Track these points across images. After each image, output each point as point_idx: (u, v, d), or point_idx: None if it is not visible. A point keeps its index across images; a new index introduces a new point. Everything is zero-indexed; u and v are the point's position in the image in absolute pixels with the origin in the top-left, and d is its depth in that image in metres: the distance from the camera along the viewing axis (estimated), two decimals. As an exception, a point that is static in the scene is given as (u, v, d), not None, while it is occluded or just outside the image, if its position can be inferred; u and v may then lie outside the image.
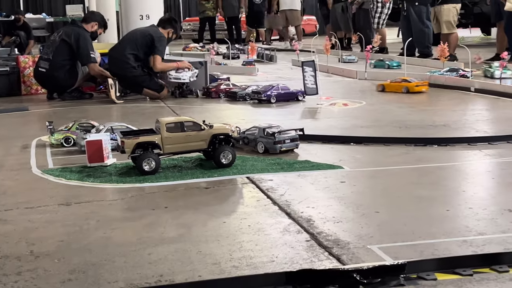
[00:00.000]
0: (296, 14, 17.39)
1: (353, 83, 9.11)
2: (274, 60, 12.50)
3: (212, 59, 11.26)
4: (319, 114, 6.52)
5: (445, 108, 6.71)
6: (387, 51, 13.23)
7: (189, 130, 4.16)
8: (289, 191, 3.65)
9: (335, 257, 2.64)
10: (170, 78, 7.83)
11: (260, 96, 7.19)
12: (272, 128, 4.67)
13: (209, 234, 2.98)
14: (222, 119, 5.68)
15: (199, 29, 18.37)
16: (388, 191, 3.71)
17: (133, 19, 9.93)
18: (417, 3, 11.82)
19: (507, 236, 2.82)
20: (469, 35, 17.96)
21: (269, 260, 2.63)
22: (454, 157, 4.41)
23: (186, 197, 3.66)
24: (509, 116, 6.03)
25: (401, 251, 2.68)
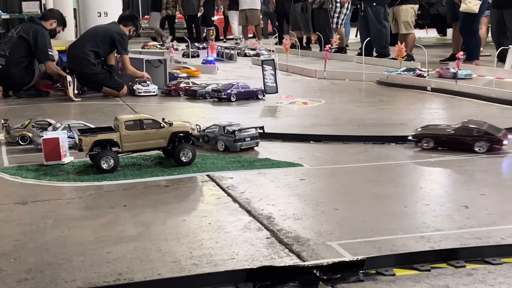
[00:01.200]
0: (256, 14, 17.41)
1: (313, 82, 9.16)
2: (234, 59, 12.49)
3: (171, 57, 11.19)
4: (279, 112, 6.54)
5: (402, 107, 6.80)
6: (345, 51, 13.36)
7: (148, 128, 4.13)
8: (249, 188, 3.65)
9: (295, 254, 2.65)
10: (139, 92, 7.76)
11: (220, 95, 7.18)
12: (232, 126, 4.67)
13: (169, 232, 2.96)
14: (182, 117, 5.66)
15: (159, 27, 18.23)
16: (347, 188, 3.74)
17: (91, 16, 9.83)
18: (375, 3, 11.97)
19: (463, 232, 2.87)
20: (426, 36, 18.26)
21: (229, 258, 2.62)
22: (411, 155, 4.47)
23: (145, 195, 3.63)
24: (465, 114, 6.14)
25: (360, 247, 2.70)
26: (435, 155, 4.45)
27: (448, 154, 4.43)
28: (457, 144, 4.45)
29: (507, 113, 6.10)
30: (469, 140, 4.41)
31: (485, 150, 4.37)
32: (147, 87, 7.80)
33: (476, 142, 4.39)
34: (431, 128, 4.71)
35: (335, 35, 11.70)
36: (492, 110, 6.34)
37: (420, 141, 4.55)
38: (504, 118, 5.82)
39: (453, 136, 4.47)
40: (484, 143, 4.37)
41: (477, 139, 4.39)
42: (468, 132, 4.45)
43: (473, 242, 2.74)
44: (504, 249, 2.62)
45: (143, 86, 7.79)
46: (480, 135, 4.41)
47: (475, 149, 4.38)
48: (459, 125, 4.54)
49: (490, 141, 4.38)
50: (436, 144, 4.51)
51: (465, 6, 10.20)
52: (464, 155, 4.37)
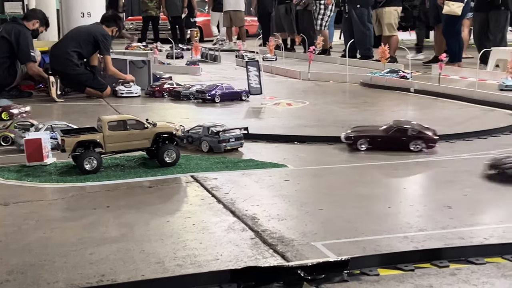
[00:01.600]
0: (240, 15, 17.42)
1: (297, 83, 9.18)
2: (218, 60, 12.48)
3: (155, 58, 11.15)
4: (263, 113, 6.53)
5: (386, 108, 6.83)
6: (329, 52, 13.40)
7: (132, 128, 4.10)
8: (233, 189, 3.64)
9: (280, 254, 2.64)
10: (122, 93, 7.73)
11: (204, 96, 7.16)
12: (216, 127, 4.66)
13: (152, 233, 2.94)
14: (166, 118, 5.64)
15: (142, 28, 18.20)
16: (331, 189, 3.75)
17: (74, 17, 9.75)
18: (359, 5, 12.01)
19: (446, 232, 2.88)
20: (409, 38, 18.35)
21: (213, 258, 2.61)
22: (395, 156, 4.48)
23: (128, 196, 3.60)
24: (447, 116, 6.19)
25: (344, 248, 2.70)
26: (417, 156, 4.48)
27: (432, 155, 4.46)
28: (392, 144, 4.51)
29: (489, 115, 6.15)
30: (404, 139, 4.48)
31: (420, 148, 4.47)
32: (129, 88, 7.76)
33: (412, 141, 4.47)
34: (363, 129, 4.74)
35: (319, 37, 11.75)
36: (475, 111, 6.38)
37: (355, 143, 4.56)
38: (487, 119, 5.87)
39: (389, 137, 4.52)
40: (419, 142, 4.47)
41: (412, 138, 4.48)
42: (403, 132, 4.51)
43: (456, 242, 2.75)
44: (487, 249, 2.63)
45: (126, 87, 7.76)
46: (415, 135, 4.49)
47: (411, 148, 4.47)
48: (391, 126, 4.59)
49: (424, 140, 4.48)
50: (371, 145, 4.55)
51: (448, 9, 10.27)
52: (447, 156, 4.40)
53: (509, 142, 4.77)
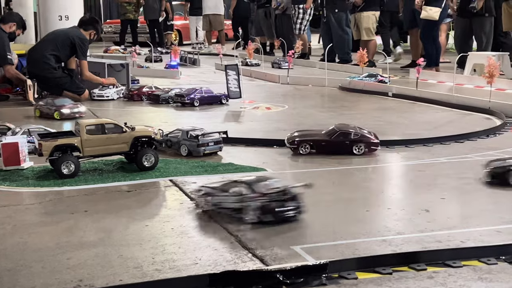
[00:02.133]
0: (219, 19, 17.43)
1: (276, 87, 9.19)
2: (197, 63, 12.46)
3: (134, 61, 11.11)
4: (243, 117, 6.54)
5: (364, 112, 6.87)
6: (308, 56, 13.45)
7: (110, 132, 4.08)
8: (212, 193, 3.62)
9: (259, 258, 2.64)
10: (93, 96, 7.69)
11: (183, 99, 7.15)
12: (195, 131, 4.65)
13: (131, 238, 2.93)
14: (145, 121, 5.61)
15: (121, 32, 18.13)
16: (310, 192, 3.74)
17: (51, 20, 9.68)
18: (337, 10, 12.08)
19: (424, 236, 2.91)
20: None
21: (192, 263, 2.61)
22: (373, 160, 4.51)
23: (107, 200, 3.58)
24: (425, 120, 6.24)
25: (323, 251, 2.71)
26: (395, 160, 4.52)
27: (411, 159, 4.49)
28: (336, 148, 4.57)
29: (466, 119, 6.21)
30: (347, 143, 4.55)
31: (362, 152, 4.54)
32: (103, 91, 7.71)
33: (354, 145, 4.54)
34: (306, 133, 4.78)
35: (298, 41, 11.78)
36: (452, 115, 6.45)
37: (298, 147, 4.60)
38: (464, 123, 5.93)
39: (333, 141, 4.58)
40: (361, 145, 4.54)
41: (355, 142, 4.55)
42: (346, 136, 4.58)
43: (434, 245, 2.78)
44: (464, 252, 2.66)
45: (100, 90, 7.71)
46: (357, 138, 4.56)
47: (354, 151, 4.54)
48: (334, 130, 4.65)
49: (366, 143, 4.55)
50: (313, 149, 4.60)
51: (426, 14, 10.37)
52: (425, 159, 4.44)
53: (485, 146, 4.83)
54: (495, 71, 6.01)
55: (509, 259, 2.59)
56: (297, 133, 4.78)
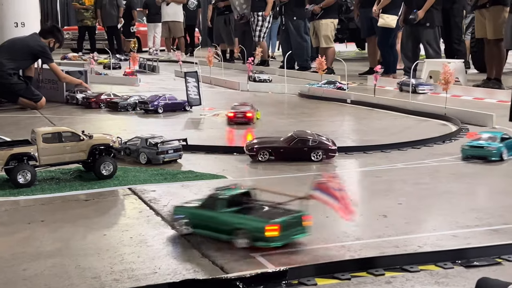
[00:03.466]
0: (178, 26, 17.38)
1: (236, 94, 9.20)
2: (156, 70, 12.39)
3: (92, 68, 10.99)
4: (203, 124, 6.52)
5: (323, 119, 6.93)
6: (268, 63, 13.51)
7: (67, 140, 4.02)
8: (172, 201, 3.60)
9: (218, 266, 2.63)
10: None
11: (147, 106, 7.11)
12: (155, 139, 4.62)
13: (89, 248, 2.89)
14: (103, 129, 5.55)
15: (78, 38, 17.91)
16: (270, 199, 3.76)
17: (7, 26, 9.50)
18: (295, 17, 12.19)
19: (382, 241, 2.94)
20: (345, 50, 18.73)
21: (151, 272, 2.58)
22: (332, 166, 4.55)
23: (64, 210, 3.52)
24: (383, 126, 6.33)
25: (282, 258, 2.72)
26: (353, 166, 4.56)
27: (369, 165, 4.55)
28: (294, 154, 4.61)
29: (422, 125, 6.32)
30: (306, 150, 4.60)
31: (320, 158, 4.59)
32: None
33: (312, 151, 4.59)
34: (265, 140, 4.81)
35: (257, 48, 11.82)
36: (409, 121, 6.55)
37: (257, 154, 4.61)
38: (420, 129, 6.03)
39: (291, 147, 4.62)
40: (320, 152, 4.59)
41: (313, 148, 4.59)
42: (304, 142, 4.62)
43: (391, 250, 2.81)
44: (421, 257, 2.70)
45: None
46: (315, 145, 4.61)
47: (312, 158, 4.58)
48: (292, 137, 4.68)
49: (324, 150, 4.61)
50: (272, 156, 4.63)
51: (383, 21, 10.55)
52: (382, 165, 4.50)
53: (441, 152, 4.91)
54: (450, 78, 6.13)
55: (465, 263, 2.64)
56: (256, 140, 4.79)
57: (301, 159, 4.59)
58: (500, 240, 2.94)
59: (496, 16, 9.10)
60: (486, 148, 4.56)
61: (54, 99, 7.92)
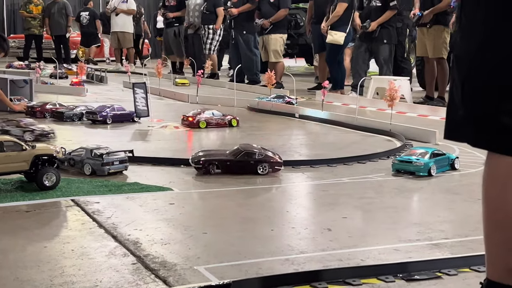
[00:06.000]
0: (128, 37, 17.24)
1: (185, 106, 9.16)
2: (104, 81, 12.25)
3: (37, 77, 10.77)
4: (150, 136, 6.47)
5: (272, 132, 6.97)
6: (218, 76, 13.53)
7: (9, 150, 3.91)
8: (116, 213, 3.56)
9: (162, 279, 2.60)
10: None
11: (95, 117, 7.00)
12: (100, 149, 4.55)
13: (28, 260, 2.81)
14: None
15: (25, 47, 17.56)
16: (216, 212, 3.76)
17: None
18: (245, 32, 12.26)
19: (326, 254, 2.96)
20: (295, 65, 18.91)
21: (92, 285, 2.53)
22: (279, 179, 4.58)
23: (4, 221, 3.43)
24: (330, 141, 6.40)
25: (227, 271, 2.71)
26: (299, 180, 4.60)
27: (315, 179, 4.59)
28: (241, 167, 4.62)
29: (368, 140, 6.42)
30: (252, 163, 4.61)
31: (266, 171, 4.62)
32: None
33: (259, 165, 4.61)
34: (211, 153, 4.80)
35: (207, 61, 11.85)
36: (355, 137, 6.64)
37: (204, 167, 4.58)
38: (366, 144, 6.12)
39: (238, 160, 4.63)
40: (266, 165, 4.62)
41: (260, 162, 4.62)
42: (251, 155, 4.65)
43: (335, 264, 2.84)
44: (364, 270, 2.73)
45: None
46: (261, 158, 4.63)
47: (259, 171, 4.60)
48: (238, 150, 4.69)
49: (270, 163, 4.64)
50: (219, 169, 4.62)
51: (331, 38, 10.70)
52: (328, 179, 4.55)
53: (386, 167, 4.99)
54: (395, 95, 6.26)
55: (406, 277, 2.68)
56: (201, 153, 4.77)
57: (247, 172, 4.59)
58: (441, 254, 3.00)
59: (436, 36, 9.37)
60: (414, 163, 4.64)
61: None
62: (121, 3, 17.10)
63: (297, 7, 16.16)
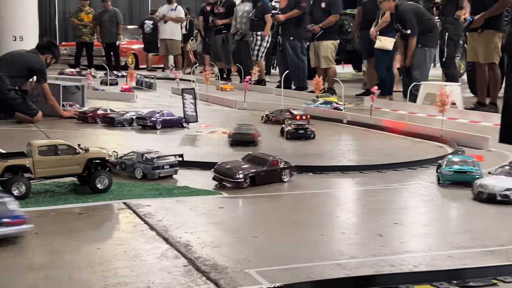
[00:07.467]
0: (176, 44, 17.46)
1: (233, 112, 9.21)
2: (153, 87, 12.41)
3: (89, 84, 10.99)
4: (199, 141, 6.52)
5: (320, 138, 6.92)
6: (264, 82, 13.56)
7: (63, 153, 4.00)
8: (167, 216, 3.59)
9: (213, 282, 2.61)
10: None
11: (145, 122, 7.11)
12: (151, 154, 4.60)
13: (82, 261, 2.86)
14: (99, 144, 5.53)
15: (76, 54, 17.94)
16: (266, 216, 3.75)
17: (6, 41, 9.56)
18: (292, 38, 12.25)
19: (378, 259, 2.93)
20: (342, 71, 18.80)
21: (145, 286, 2.56)
22: (328, 185, 4.55)
23: (58, 223, 3.50)
24: (378, 146, 6.33)
25: (278, 275, 2.70)
26: (350, 185, 4.56)
27: (365, 184, 4.54)
28: (270, 177, 4.44)
29: (418, 146, 6.32)
30: (278, 171, 4.50)
31: (288, 178, 4.53)
32: None
33: (283, 172, 4.52)
34: (242, 167, 4.43)
35: (255, 67, 11.88)
36: (405, 143, 6.55)
37: (245, 181, 4.31)
38: (416, 150, 6.03)
39: (268, 170, 4.43)
40: (287, 171, 4.54)
41: (283, 169, 4.52)
42: (277, 164, 4.50)
43: (387, 269, 2.80)
44: (417, 276, 2.69)
45: None
46: (285, 166, 4.53)
47: (283, 179, 4.50)
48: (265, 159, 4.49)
49: (290, 170, 4.56)
50: (253, 182, 4.35)
51: (380, 43, 10.61)
52: (378, 185, 4.49)
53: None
54: (447, 100, 6.15)
55: (461, 284, 2.63)
56: (228, 166, 4.45)
57: (275, 181, 4.48)
58: (496, 261, 2.93)
59: (488, 40, 9.17)
60: (469, 173, 4.41)
61: (50, 113, 7.90)
62: (170, 11, 17.35)
63: (344, 13, 16.07)
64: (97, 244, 3.11)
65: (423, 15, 10.28)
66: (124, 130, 7.10)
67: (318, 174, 4.81)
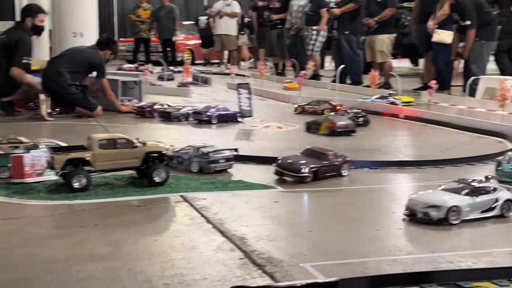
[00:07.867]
0: (231, 39, 17.54)
1: (287, 107, 9.20)
2: (209, 82, 12.51)
3: (146, 79, 11.17)
4: (254, 135, 6.54)
5: (375, 133, 6.85)
6: (319, 77, 13.48)
7: (122, 147, 4.09)
8: (222, 210, 3.63)
9: (268, 275, 2.63)
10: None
11: (201, 117, 7.18)
12: (206, 148, 4.65)
13: (140, 252, 2.92)
14: (156, 138, 5.61)
15: (134, 50, 18.25)
16: (321, 211, 3.75)
17: (66, 37, 9.77)
18: (347, 32, 12.14)
19: (436, 256, 2.88)
20: (399, 65, 18.51)
21: (201, 278, 2.60)
22: (384, 180, 4.50)
23: (117, 215, 3.58)
24: (436, 142, 6.22)
25: (333, 269, 2.69)
26: (405, 181, 4.50)
27: (422, 180, 4.47)
28: (332, 171, 4.43)
29: (478, 141, 6.18)
30: (338, 165, 4.47)
31: (347, 172, 4.49)
32: None
33: (342, 166, 4.49)
34: (297, 160, 4.42)
35: (309, 62, 11.82)
36: (464, 138, 6.42)
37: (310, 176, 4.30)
38: (475, 146, 5.90)
39: (330, 164, 4.43)
40: (346, 166, 4.51)
41: (343, 163, 4.50)
42: (337, 157, 4.49)
43: (445, 266, 2.76)
44: (476, 273, 2.64)
45: None
46: (343, 160, 4.51)
47: (343, 173, 4.49)
48: (326, 153, 4.47)
49: (349, 164, 4.54)
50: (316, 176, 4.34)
51: (438, 37, 10.39)
52: (436, 181, 4.41)
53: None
54: (507, 95, 5.99)
55: (521, 281, 2.56)
56: (290, 160, 4.44)
57: (334, 175, 4.47)
58: (559, 259, 2.85)
59: None
60: None
61: (109, 108, 8.07)
62: (225, 6, 17.44)
63: (401, 6, 15.81)
64: (155, 236, 3.17)
65: (482, 7, 10.03)
66: (180, 125, 7.19)
67: (374, 169, 4.77)
